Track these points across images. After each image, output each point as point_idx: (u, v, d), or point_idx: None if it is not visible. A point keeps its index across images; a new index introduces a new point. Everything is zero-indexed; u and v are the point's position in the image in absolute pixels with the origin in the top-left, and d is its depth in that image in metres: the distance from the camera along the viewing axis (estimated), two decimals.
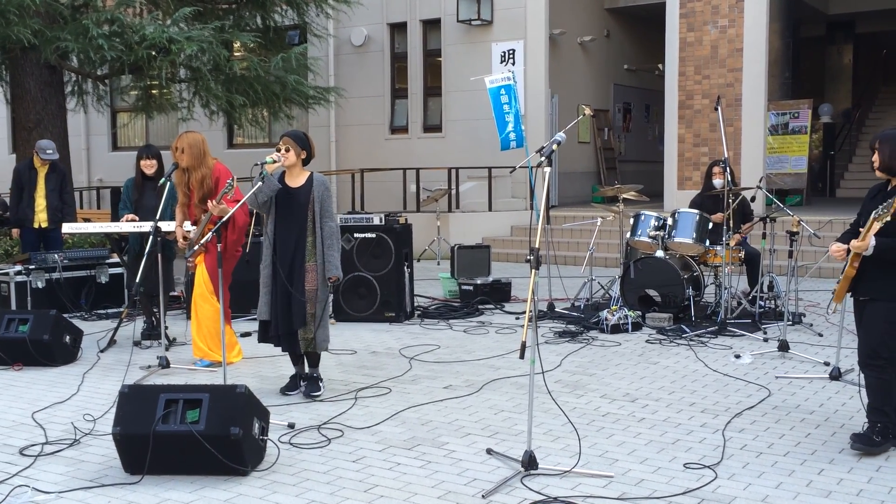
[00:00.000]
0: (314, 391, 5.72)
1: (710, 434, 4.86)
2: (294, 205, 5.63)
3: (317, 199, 5.62)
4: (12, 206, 9.38)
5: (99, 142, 20.15)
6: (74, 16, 10.83)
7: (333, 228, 5.65)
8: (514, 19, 15.44)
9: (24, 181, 9.35)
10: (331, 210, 5.68)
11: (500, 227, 14.76)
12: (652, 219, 8.36)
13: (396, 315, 8.46)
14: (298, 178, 5.68)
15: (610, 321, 7.77)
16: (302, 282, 5.60)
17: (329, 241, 5.61)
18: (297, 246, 5.61)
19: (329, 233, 5.62)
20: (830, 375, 6.02)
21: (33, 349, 6.61)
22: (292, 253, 5.61)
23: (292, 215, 5.62)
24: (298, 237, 5.62)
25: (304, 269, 5.61)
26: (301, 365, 5.86)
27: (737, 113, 14.04)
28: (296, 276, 5.60)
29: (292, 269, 5.60)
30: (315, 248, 5.62)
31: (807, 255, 11.22)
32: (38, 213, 9.37)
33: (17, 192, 9.36)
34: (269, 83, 12.18)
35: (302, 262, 5.61)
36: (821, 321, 8.19)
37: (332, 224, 5.64)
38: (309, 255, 5.62)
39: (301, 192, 5.64)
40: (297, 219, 5.62)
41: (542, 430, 4.93)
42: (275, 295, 5.64)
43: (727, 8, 14.09)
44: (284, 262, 5.62)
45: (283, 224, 5.64)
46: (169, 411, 4.24)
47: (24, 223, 9.36)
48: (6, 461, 4.55)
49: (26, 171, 9.37)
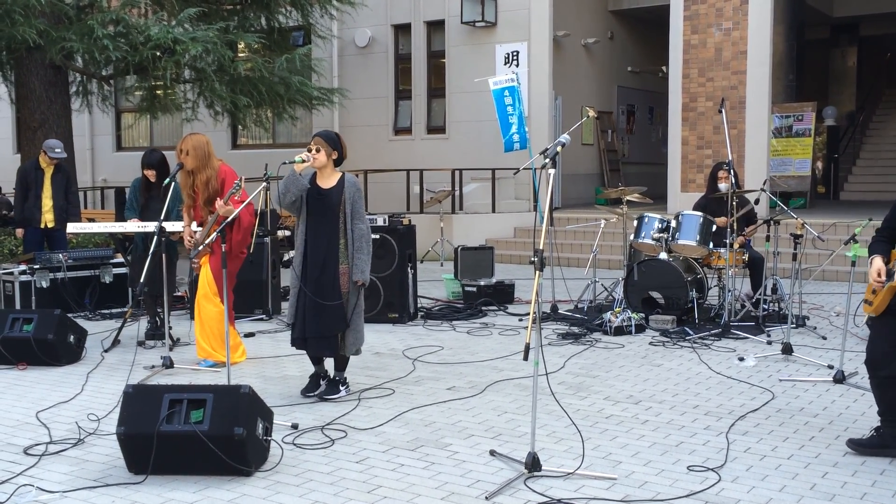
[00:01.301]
0: (331, 394, 5.67)
1: (714, 437, 4.86)
2: (325, 206, 5.55)
3: (348, 200, 5.53)
4: (17, 205, 9.38)
5: (103, 142, 20.19)
6: (79, 16, 10.85)
7: (363, 231, 5.55)
8: (518, 21, 15.45)
9: (31, 181, 9.36)
10: (361, 212, 5.59)
11: (504, 228, 14.77)
12: (655, 221, 8.35)
13: (400, 316, 8.46)
14: (330, 179, 5.60)
15: (613, 323, 7.77)
16: (336, 285, 5.52)
17: (358, 243, 5.52)
18: (328, 248, 5.53)
19: (359, 235, 5.53)
20: (834, 378, 6.01)
21: (38, 348, 6.62)
22: (324, 255, 5.52)
23: (324, 217, 5.54)
24: (330, 239, 5.54)
25: (338, 272, 5.53)
26: (322, 365, 5.82)
27: (741, 115, 14.04)
28: (327, 279, 5.51)
29: (323, 272, 5.51)
30: (347, 251, 5.54)
31: (810, 257, 11.21)
32: (45, 213, 9.38)
33: (23, 192, 9.36)
34: (274, 84, 12.19)
35: (335, 265, 5.53)
36: (824, 324, 8.18)
37: (361, 226, 5.55)
38: (342, 258, 5.54)
39: (332, 193, 5.56)
40: (328, 221, 5.54)
41: (546, 432, 4.93)
42: (301, 298, 5.56)
43: (731, 10, 14.09)
44: (316, 265, 5.53)
45: (314, 226, 5.56)
46: (173, 411, 4.24)
47: (31, 223, 9.37)
48: (10, 460, 4.55)
49: (32, 170, 9.38)
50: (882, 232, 4.63)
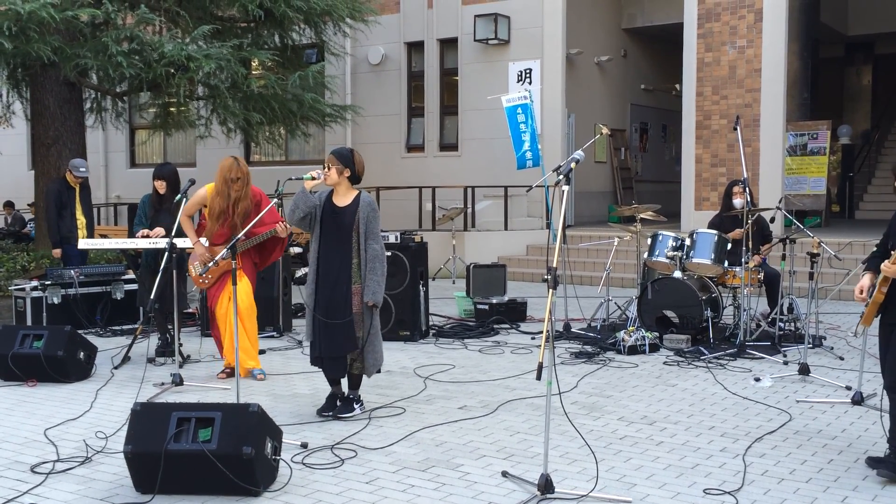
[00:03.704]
0: (345, 412, 5.61)
1: (731, 459, 4.77)
2: (339, 225, 5.49)
3: (362, 219, 5.47)
4: (53, 225, 9.33)
5: (117, 158, 20.29)
6: (94, 33, 10.91)
7: (377, 251, 5.45)
8: (531, 39, 15.46)
9: (65, 200, 9.40)
10: (376, 232, 5.49)
11: (516, 246, 14.70)
12: (670, 239, 8.28)
13: (411, 334, 8.40)
14: (345, 197, 5.55)
15: (627, 342, 7.68)
16: (348, 304, 5.47)
17: (372, 264, 5.42)
18: (341, 267, 5.47)
19: (372, 255, 5.43)
20: (853, 400, 5.91)
21: (47, 365, 6.60)
22: (336, 274, 5.47)
23: (337, 235, 5.49)
24: (343, 258, 5.48)
25: (351, 292, 5.48)
26: (338, 386, 5.76)
27: (755, 133, 13.97)
28: (339, 299, 5.46)
29: (335, 291, 5.46)
30: (360, 270, 5.47)
31: (827, 276, 11.09)
32: (79, 229, 9.46)
33: (57, 211, 9.34)
34: (287, 101, 12.22)
35: (348, 284, 5.47)
36: (842, 344, 8.08)
37: (375, 246, 5.45)
38: (355, 278, 5.48)
39: (347, 211, 5.50)
40: (342, 239, 5.48)
41: (559, 453, 4.86)
42: (316, 317, 5.53)
43: (745, 28, 14.04)
44: (328, 283, 5.48)
45: (328, 244, 5.51)
46: (181, 430, 4.19)
47: (69, 241, 9.34)
48: (17, 478, 4.51)
49: (64, 190, 9.43)
50: (879, 247, 4.69)
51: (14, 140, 20.41)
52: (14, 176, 20.70)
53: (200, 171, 16.94)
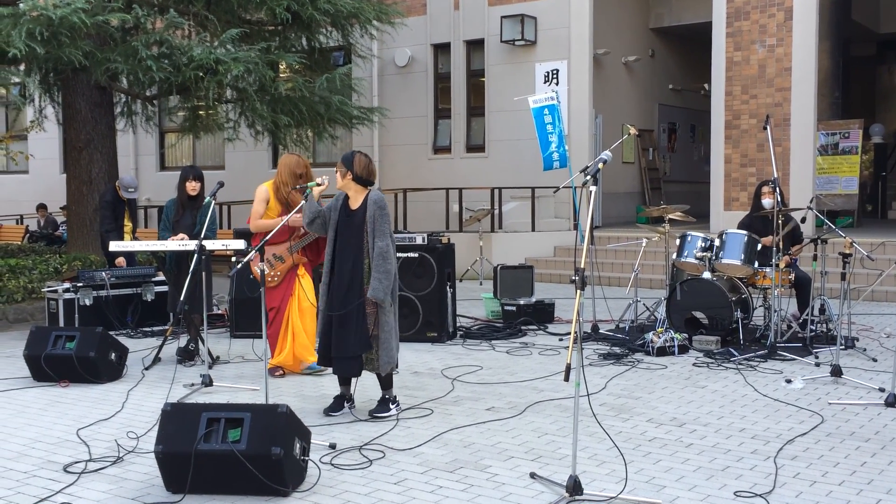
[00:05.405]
0: (381, 412, 5.66)
1: (762, 461, 4.72)
2: (351, 227, 5.56)
3: (369, 218, 5.52)
4: (112, 235, 9.51)
5: (147, 161, 20.49)
6: (124, 38, 11.02)
7: (383, 248, 5.45)
8: (558, 39, 15.41)
9: (119, 211, 9.70)
10: (384, 229, 5.50)
11: (544, 247, 14.66)
12: (699, 240, 8.22)
13: (439, 335, 8.40)
14: (357, 199, 5.61)
15: (656, 343, 7.63)
16: (361, 305, 5.51)
17: (376, 261, 5.44)
18: (353, 267, 5.53)
19: (377, 253, 5.44)
20: (886, 402, 5.83)
21: (79, 366, 6.67)
22: (349, 275, 5.52)
23: (350, 237, 5.55)
24: (355, 259, 5.53)
25: (363, 292, 5.50)
26: (347, 386, 5.79)
27: (785, 133, 13.82)
28: (352, 299, 5.49)
29: (349, 292, 5.51)
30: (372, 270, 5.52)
31: (859, 277, 10.94)
32: (127, 234, 9.76)
33: (113, 222, 9.60)
34: (314, 103, 12.27)
35: (360, 285, 5.51)
36: (875, 346, 7.97)
37: (381, 244, 5.45)
38: (367, 278, 5.51)
39: (357, 213, 5.58)
40: (353, 240, 5.54)
41: (587, 455, 4.83)
42: (327, 317, 5.58)
43: (775, 27, 13.90)
44: (341, 285, 5.54)
45: (342, 246, 5.58)
46: (211, 430, 4.22)
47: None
48: (50, 478, 4.57)
49: (118, 203, 9.71)
50: None
51: (46, 144, 20.70)
52: (46, 179, 20.99)
53: (229, 173, 17.07)
